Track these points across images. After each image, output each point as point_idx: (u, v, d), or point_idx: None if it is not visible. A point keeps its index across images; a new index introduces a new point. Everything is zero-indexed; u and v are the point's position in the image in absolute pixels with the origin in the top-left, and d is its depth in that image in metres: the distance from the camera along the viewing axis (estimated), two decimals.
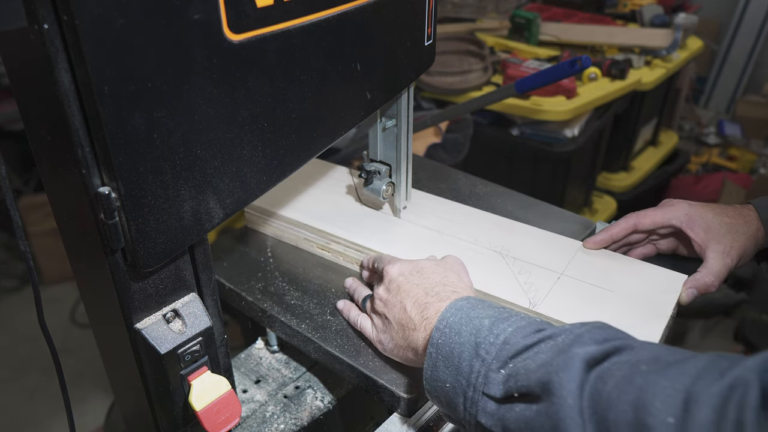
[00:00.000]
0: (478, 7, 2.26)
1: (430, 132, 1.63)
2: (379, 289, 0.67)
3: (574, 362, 0.45)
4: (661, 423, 0.39)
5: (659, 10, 2.22)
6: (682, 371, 0.42)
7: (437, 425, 0.64)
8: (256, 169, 0.55)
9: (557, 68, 1.10)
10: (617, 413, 0.42)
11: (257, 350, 0.83)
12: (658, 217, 0.77)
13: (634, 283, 0.73)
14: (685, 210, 0.76)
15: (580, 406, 0.43)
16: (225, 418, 0.57)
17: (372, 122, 0.82)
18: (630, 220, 0.79)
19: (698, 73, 3.65)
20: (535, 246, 0.80)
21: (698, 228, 0.74)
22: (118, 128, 0.41)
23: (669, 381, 0.41)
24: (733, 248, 0.73)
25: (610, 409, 0.42)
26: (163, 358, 0.53)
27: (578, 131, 1.77)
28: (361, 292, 0.74)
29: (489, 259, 0.79)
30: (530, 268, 0.77)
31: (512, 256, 0.79)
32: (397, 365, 0.67)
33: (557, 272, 0.76)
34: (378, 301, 0.66)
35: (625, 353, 0.46)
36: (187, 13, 0.43)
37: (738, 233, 0.74)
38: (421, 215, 0.88)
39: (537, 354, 0.49)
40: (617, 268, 0.76)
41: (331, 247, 0.84)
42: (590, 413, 0.43)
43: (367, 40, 0.64)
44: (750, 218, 0.76)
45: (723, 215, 0.75)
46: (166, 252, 0.49)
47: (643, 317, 0.68)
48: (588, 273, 0.75)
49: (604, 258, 0.78)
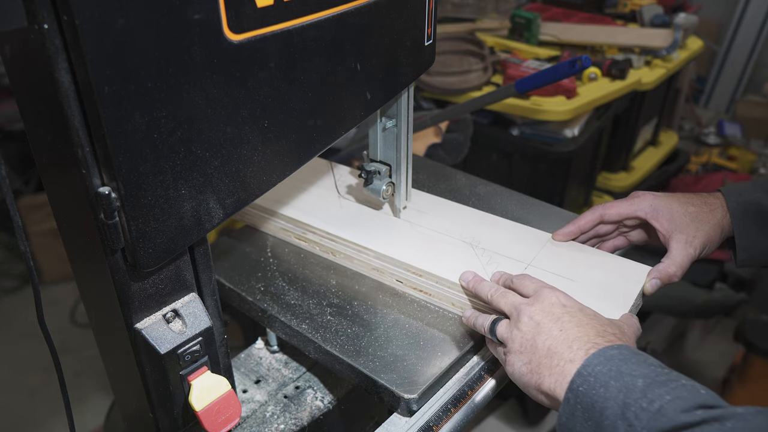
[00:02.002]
0: (478, 7, 2.26)
1: (430, 132, 1.63)
2: (531, 308, 0.61)
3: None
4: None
5: (659, 10, 2.22)
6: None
7: (437, 425, 0.64)
8: (256, 169, 0.55)
9: (557, 68, 1.10)
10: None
11: (257, 350, 0.83)
12: (624, 209, 0.78)
13: (599, 273, 0.75)
14: (651, 201, 0.77)
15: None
16: (225, 418, 0.57)
17: (372, 122, 0.82)
18: (596, 211, 0.80)
19: (698, 73, 3.65)
20: (506, 238, 0.82)
21: (663, 218, 0.75)
22: (118, 128, 0.41)
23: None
24: (696, 237, 0.74)
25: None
26: (163, 358, 0.53)
27: (578, 131, 1.77)
28: (486, 317, 0.66)
29: (459, 250, 0.80)
30: (499, 259, 0.78)
31: (482, 247, 0.80)
32: (398, 365, 0.67)
33: (525, 263, 0.77)
34: (527, 319, 0.60)
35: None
36: (187, 13, 0.43)
37: (702, 222, 0.75)
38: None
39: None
40: (583, 259, 0.78)
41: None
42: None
43: (367, 40, 0.64)
44: (715, 206, 0.76)
45: (688, 204, 0.76)
46: (166, 252, 0.49)
47: (605, 307, 0.68)
48: (554, 264, 0.77)
49: (572, 250, 0.80)
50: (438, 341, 0.70)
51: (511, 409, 1.96)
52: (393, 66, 0.71)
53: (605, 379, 0.51)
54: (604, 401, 0.50)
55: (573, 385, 0.53)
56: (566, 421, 0.53)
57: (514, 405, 1.96)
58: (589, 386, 0.51)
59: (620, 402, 0.49)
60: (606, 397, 0.50)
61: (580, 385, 0.52)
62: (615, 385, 0.50)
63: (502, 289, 0.67)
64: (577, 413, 0.51)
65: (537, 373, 0.57)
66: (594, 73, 1.82)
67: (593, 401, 0.50)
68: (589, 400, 0.51)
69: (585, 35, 2.04)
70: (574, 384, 0.53)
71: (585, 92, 1.75)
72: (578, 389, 0.52)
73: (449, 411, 0.65)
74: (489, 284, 0.69)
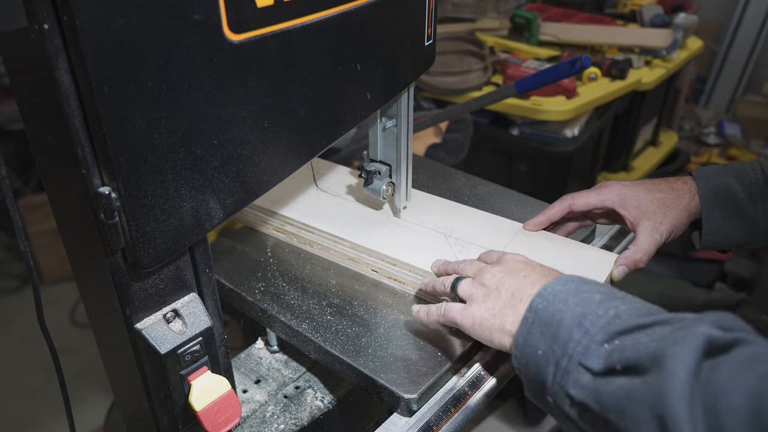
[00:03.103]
0: (478, 7, 2.26)
1: (430, 132, 1.63)
2: (494, 267, 0.63)
3: (694, 339, 0.42)
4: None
5: (659, 10, 2.22)
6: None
7: (437, 425, 0.64)
8: (256, 169, 0.55)
9: (557, 68, 1.10)
10: (732, 400, 0.39)
11: (257, 350, 0.83)
12: (592, 198, 0.80)
13: (567, 261, 0.76)
14: (618, 190, 0.78)
15: (692, 385, 0.41)
16: (225, 418, 0.57)
17: (372, 122, 0.82)
18: (565, 201, 0.81)
19: (698, 73, 3.66)
20: (479, 227, 0.84)
21: (630, 206, 0.77)
22: (118, 128, 0.41)
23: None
24: (662, 224, 0.76)
25: (723, 396, 0.39)
26: (163, 358, 0.53)
27: (578, 131, 1.77)
28: (448, 277, 0.68)
29: (433, 240, 0.82)
30: (471, 248, 0.80)
31: (455, 236, 0.83)
32: (397, 365, 0.67)
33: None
34: (490, 276, 0.62)
35: (747, 347, 0.43)
36: (187, 13, 0.43)
37: (669, 208, 0.76)
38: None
39: (650, 334, 0.46)
40: (553, 248, 0.80)
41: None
42: (701, 395, 0.40)
43: (367, 40, 0.64)
44: (683, 191, 0.78)
45: (655, 191, 0.78)
46: (166, 252, 0.49)
47: None
48: (525, 252, 0.78)
49: (542, 239, 0.82)
50: (438, 341, 0.70)
51: (511, 409, 1.96)
52: (393, 66, 0.71)
53: (564, 296, 0.53)
54: (562, 313, 0.51)
55: (532, 305, 0.54)
56: (524, 340, 0.54)
57: (514, 405, 1.96)
58: (548, 303, 0.53)
59: (577, 313, 0.50)
60: (563, 309, 0.51)
61: (539, 304, 0.53)
62: (573, 300, 0.52)
63: (469, 260, 0.69)
64: (534, 328, 0.53)
65: (500, 314, 0.59)
66: (594, 73, 1.82)
67: (551, 314, 0.52)
68: (548, 314, 0.52)
69: (585, 35, 2.04)
70: (533, 304, 0.54)
71: (585, 92, 1.75)
72: (537, 307, 0.53)
73: (449, 411, 0.65)
74: (456, 261, 0.71)
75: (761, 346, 0.43)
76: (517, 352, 0.55)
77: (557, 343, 0.50)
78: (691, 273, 2.09)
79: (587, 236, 0.88)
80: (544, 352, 0.51)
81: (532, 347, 0.52)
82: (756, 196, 0.76)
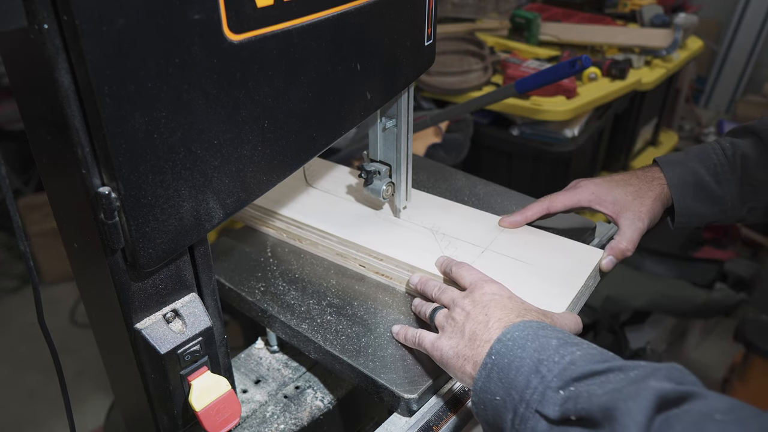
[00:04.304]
0: (478, 7, 2.26)
1: (430, 132, 1.63)
2: (464, 300, 0.64)
3: (646, 394, 0.43)
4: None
5: (659, 10, 2.22)
6: (760, 423, 0.39)
7: (437, 425, 0.64)
8: (256, 169, 0.55)
9: (557, 68, 1.10)
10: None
11: (257, 350, 0.83)
12: (568, 200, 0.83)
13: (552, 256, 0.78)
14: (592, 189, 0.82)
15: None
16: (225, 418, 0.57)
17: (372, 122, 0.82)
18: (543, 203, 0.84)
19: (698, 73, 3.65)
20: (466, 223, 0.86)
21: (607, 202, 0.80)
22: (118, 128, 0.41)
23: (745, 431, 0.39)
24: (641, 212, 0.79)
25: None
26: (163, 358, 0.53)
27: (578, 131, 1.77)
28: (429, 305, 0.71)
29: (420, 235, 0.83)
30: (457, 243, 0.81)
31: (442, 232, 0.84)
32: (397, 365, 0.67)
33: (482, 247, 0.80)
34: (460, 310, 0.63)
35: (698, 401, 0.43)
36: (187, 13, 0.43)
37: (644, 197, 0.80)
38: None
39: (604, 383, 0.47)
40: (539, 243, 0.81)
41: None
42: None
43: (367, 40, 0.64)
44: (653, 180, 0.81)
45: (627, 185, 0.81)
46: (166, 252, 0.49)
47: (556, 286, 0.72)
48: (511, 248, 0.80)
49: (529, 234, 0.84)
50: None
51: None
52: (393, 66, 0.71)
53: (522, 341, 0.53)
54: (521, 360, 0.52)
55: (492, 350, 0.55)
56: (482, 385, 0.54)
57: None
58: (507, 349, 0.54)
59: (535, 359, 0.51)
60: (522, 356, 0.52)
61: (499, 350, 0.54)
62: (531, 346, 0.52)
63: (444, 286, 0.70)
64: (493, 374, 0.53)
65: (462, 355, 0.59)
66: (594, 73, 1.82)
67: (510, 361, 0.52)
68: (507, 360, 0.53)
69: (585, 35, 2.04)
70: (493, 349, 0.55)
71: (585, 92, 1.75)
72: (498, 353, 0.54)
73: (449, 411, 0.65)
74: (434, 284, 0.72)
75: (712, 401, 0.43)
76: (475, 397, 0.55)
77: (515, 390, 0.51)
78: (691, 273, 2.10)
79: (587, 236, 0.88)
80: (502, 398, 0.52)
81: (490, 393, 0.53)
82: (720, 176, 0.80)
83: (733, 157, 0.80)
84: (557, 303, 0.70)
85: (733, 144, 0.81)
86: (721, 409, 0.41)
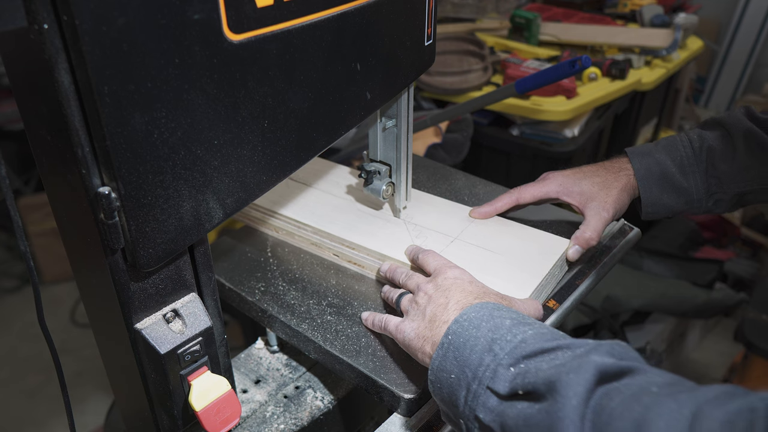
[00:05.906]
0: (478, 7, 2.26)
1: (430, 132, 1.63)
2: (427, 285, 0.66)
3: (588, 367, 0.45)
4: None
5: (659, 10, 2.22)
6: (693, 397, 0.41)
7: (437, 425, 0.64)
8: (256, 169, 0.55)
9: (557, 68, 1.10)
10: (617, 428, 0.41)
11: (257, 350, 0.83)
12: (536, 191, 0.85)
13: (520, 246, 0.80)
14: (560, 181, 0.84)
15: (582, 412, 0.43)
16: (225, 418, 0.57)
17: (372, 122, 0.82)
18: (513, 195, 0.86)
19: (698, 73, 3.65)
20: (438, 214, 0.88)
21: (574, 193, 0.82)
22: (118, 128, 0.41)
23: (677, 404, 0.40)
24: (607, 202, 0.80)
25: (611, 423, 0.42)
26: (163, 358, 0.53)
27: (578, 131, 1.77)
28: (396, 291, 0.73)
29: (392, 225, 0.86)
30: (428, 233, 0.84)
31: (414, 222, 0.86)
32: (397, 365, 0.67)
33: (451, 236, 0.83)
34: (423, 294, 0.65)
35: (638, 376, 0.45)
36: (187, 13, 0.43)
37: (611, 188, 0.81)
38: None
39: (552, 359, 0.49)
40: (508, 233, 0.84)
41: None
42: (591, 424, 0.43)
43: (367, 40, 0.64)
44: (620, 171, 0.83)
45: (594, 176, 0.83)
46: (166, 252, 0.49)
47: (520, 273, 0.75)
48: (480, 237, 0.82)
49: (498, 224, 0.86)
50: None
51: None
52: (393, 66, 0.71)
53: (478, 321, 0.55)
54: (475, 339, 0.53)
55: (449, 330, 0.56)
56: (439, 364, 0.55)
57: None
58: (463, 329, 0.55)
59: (489, 338, 0.53)
60: (477, 336, 0.54)
61: (455, 330, 0.55)
62: (486, 326, 0.54)
63: (411, 273, 0.73)
64: (449, 353, 0.55)
65: (422, 336, 0.61)
66: (594, 73, 1.82)
67: (465, 340, 0.54)
68: (462, 340, 0.54)
69: (585, 35, 2.04)
70: (450, 329, 0.56)
71: (585, 92, 1.75)
72: (454, 333, 0.55)
73: None
74: (401, 270, 0.75)
75: (652, 375, 0.45)
76: (432, 376, 0.56)
77: (469, 367, 0.52)
78: (691, 273, 2.09)
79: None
80: (456, 376, 0.53)
81: (446, 371, 0.54)
82: (686, 169, 0.81)
83: (700, 149, 0.81)
84: (521, 290, 0.71)
85: (700, 136, 0.82)
86: (659, 383, 0.43)
